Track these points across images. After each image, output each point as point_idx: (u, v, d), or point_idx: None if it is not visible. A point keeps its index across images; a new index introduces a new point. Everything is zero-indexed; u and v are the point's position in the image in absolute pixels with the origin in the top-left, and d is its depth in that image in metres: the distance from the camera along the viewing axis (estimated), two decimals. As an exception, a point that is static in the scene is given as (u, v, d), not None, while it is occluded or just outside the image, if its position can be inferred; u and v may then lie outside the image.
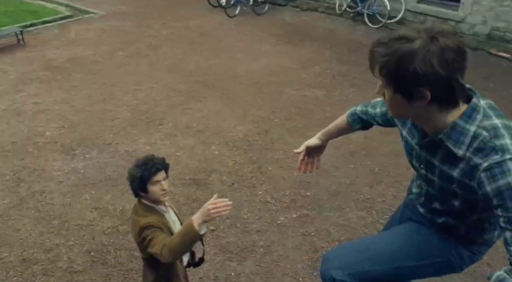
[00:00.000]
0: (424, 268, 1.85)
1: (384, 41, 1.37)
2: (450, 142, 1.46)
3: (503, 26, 7.80)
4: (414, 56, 1.30)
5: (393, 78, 1.37)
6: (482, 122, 1.42)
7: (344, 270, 1.90)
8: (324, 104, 5.99)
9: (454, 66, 1.32)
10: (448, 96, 1.38)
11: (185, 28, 8.88)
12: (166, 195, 2.29)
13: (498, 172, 1.35)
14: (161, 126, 5.39)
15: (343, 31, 8.76)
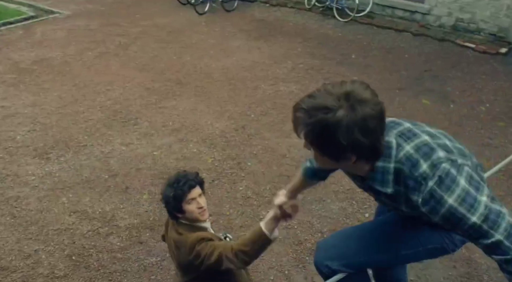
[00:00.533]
0: (418, 255, 1.89)
1: (305, 107, 1.37)
2: (377, 184, 1.52)
3: (467, 17, 8.01)
4: (336, 128, 1.31)
5: (318, 145, 1.40)
6: (398, 155, 1.46)
7: (341, 260, 1.92)
8: (299, 98, 5.96)
9: (376, 132, 1.35)
10: (372, 156, 1.43)
11: (154, 26, 8.76)
12: (205, 213, 2.13)
13: (435, 203, 1.40)
14: (136, 126, 5.32)
15: (313, 25, 8.82)
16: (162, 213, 3.97)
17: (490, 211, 1.39)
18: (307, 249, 3.61)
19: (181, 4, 9.95)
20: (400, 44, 7.87)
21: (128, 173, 4.48)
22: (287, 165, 4.68)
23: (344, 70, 6.87)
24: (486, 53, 7.34)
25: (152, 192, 4.22)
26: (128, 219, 3.89)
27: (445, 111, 5.64)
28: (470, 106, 5.74)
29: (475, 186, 1.40)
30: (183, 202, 2.07)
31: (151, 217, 3.92)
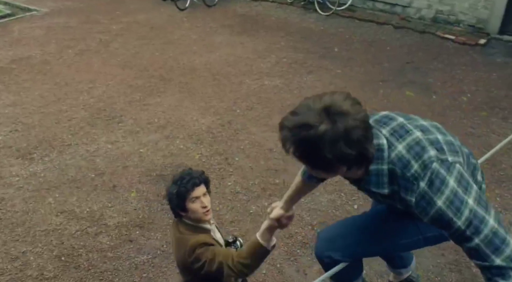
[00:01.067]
0: (418, 243, 1.93)
1: (289, 126, 1.39)
2: (372, 186, 1.55)
3: (446, 9, 8.11)
4: (320, 143, 1.32)
5: (308, 161, 1.42)
6: (390, 156, 1.49)
7: (343, 250, 1.95)
8: (283, 92, 6.04)
9: (361, 142, 1.35)
10: (363, 162, 1.43)
11: (135, 23, 8.66)
12: (208, 213, 2.08)
13: (426, 204, 1.44)
14: (121, 124, 5.26)
15: (295, 19, 8.82)
16: (151, 210, 3.95)
17: (474, 216, 1.41)
18: (298, 242, 3.63)
19: (161, 0, 9.85)
20: (382, 36, 7.93)
21: (115, 171, 4.43)
22: (275, 159, 4.68)
23: (327, 63, 6.90)
24: (466, 45, 7.44)
25: (140, 190, 4.18)
26: (117, 218, 3.85)
27: (428, 102, 5.72)
28: (452, 97, 5.83)
29: (464, 187, 1.43)
30: (187, 200, 2.03)
31: (140, 215, 3.89)
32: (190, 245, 2.01)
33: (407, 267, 2.66)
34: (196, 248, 1.99)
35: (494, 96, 5.93)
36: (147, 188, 4.21)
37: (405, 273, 2.69)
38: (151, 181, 4.30)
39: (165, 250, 3.55)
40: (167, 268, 3.39)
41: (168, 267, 3.38)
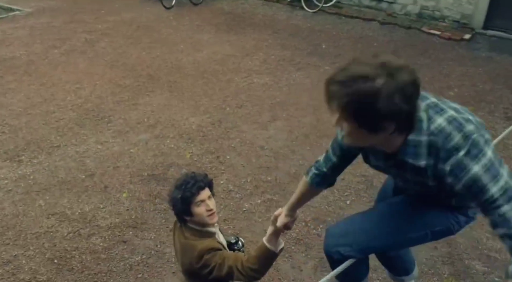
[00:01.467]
0: (425, 237, 1.95)
1: (341, 79, 1.36)
2: (409, 157, 1.54)
3: (431, 5, 8.19)
4: (378, 95, 1.31)
5: (358, 116, 1.39)
6: (430, 128, 1.50)
7: (352, 246, 1.95)
8: (273, 90, 6.04)
9: (414, 99, 1.37)
10: (409, 125, 1.44)
11: (121, 22, 8.57)
12: (214, 217, 2.05)
13: (460, 171, 1.45)
14: (110, 124, 5.21)
15: (282, 16, 8.83)
16: (143, 210, 3.93)
17: (509, 187, 1.43)
18: (292, 239, 3.64)
19: (147, -1, 9.78)
20: (369, 33, 7.98)
21: (106, 172, 4.39)
22: (266, 156, 4.69)
23: (315, 60, 6.92)
24: (451, 40, 7.53)
25: (132, 190, 4.15)
26: (109, 219, 3.82)
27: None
28: (439, 92, 5.88)
29: (499, 161, 1.46)
30: (192, 204, 1.99)
31: (132, 215, 3.86)
32: (198, 251, 1.98)
33: (408, 274, 2.66)
34: (204, 254, 1.97)
35: (480, 90, 6.01)
36: (139, 188, 4.18)
37: (407, 281, 2.69)
38: (143, 181, 4.27)
39: (159, 250, 3.53)
40: (162, 268, 3.37)
41: (163, 267, 3.37)
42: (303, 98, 5.84)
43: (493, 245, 3.58)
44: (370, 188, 4.22)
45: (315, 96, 5.86)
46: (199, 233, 2.08)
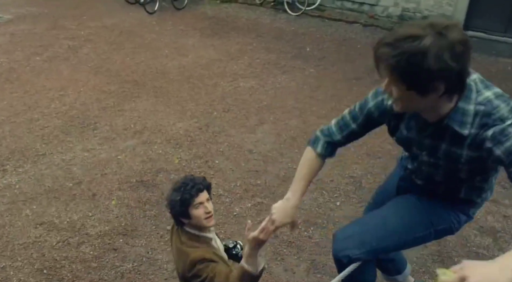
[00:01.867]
0: (429, 236, 1.97)
1: (390, 41, 1.38)
2: (456, 124, 1.54)
3: (412, 6, 8.32)
4: (426, 54, 1.33)
5: (407, 77, 1.39)
6: (477, 99, 1.52)
7: (361, 248, 1.95)
8: (259, 93, 6.05)
9: (464, 58, 1.38)
10: (459, 86, 1.45)
11: (103, 27, 8.51)
12: (211, 219, 2.05)
13: (503, 136, 1.46)
14: (96, 131, 5.16)
15: (266, 20, 8.87)
16: (133, 217, 3.89)
17: None
18: (284, 242, 3.64)
19: (129, 4, 9.72)
20: (352, 35, 8.06)
21: (93, 180, 4.34)
22: (255, 160, 4.69)
23: (300, 63, 6.96)
24: (433, 41, 7.64)
25: (121, 197, 4.11)
26: (98, 227, 3.78)
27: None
28: (423, 92, 5.97)
29: None
30: (190, 206, 1.99)
31: (122, 223, 3.82)
32: (190, 260, 1.96)
33: (401, 273, 2.69)
34: (196, 263, 1.95)
35: (463, 90, 6.11)
36: (128, 195, 4.14)
37: (401, 279, 2.73)
38: (131, 187, 4.24)
39: (151, 256, 3.50)
40: (154, 275, 3.34)
41: (155, 274, 3.34)
42: (289, 101, 5.86)
43: (481, 242, 3.64)
44: (359, 189, 4.25)
45: (301, 99, 5.89)
46: (196, 238, 2.07)
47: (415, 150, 1.78)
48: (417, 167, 1.88)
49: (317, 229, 3.78)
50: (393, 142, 4.61)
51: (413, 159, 1.88)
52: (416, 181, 1.95)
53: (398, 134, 1.79)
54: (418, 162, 1.85)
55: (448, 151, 1.64)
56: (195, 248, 2.01)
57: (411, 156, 1.87)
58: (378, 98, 1.81)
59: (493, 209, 3.96)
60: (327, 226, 3.81)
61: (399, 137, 1.79)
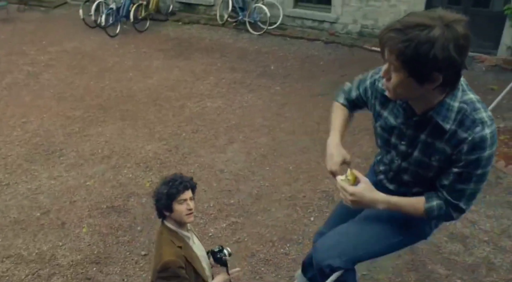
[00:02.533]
0: (405, 240, 2.03)
1: (399, 27, 1.43)
2: (440, 117, 1.62)
3: (370, 23, 8.60)
4: (434, 43, 1.40)
5: (411, 63, 1.45)
6: (463, 97, 1.62)
7: (341, 258, 1.99)
8: (227, 113, 6.07)
9: (465, 52, 1.46)
10: (455, 79, 1.53)
11: (64, 52, 8.36)
12: (191, 217, 2.21)
13: (477, 148, 1.58)
14: (62, 157, 5.03)
15: (229, 40, 8.95)
16: (106, 244, 3.80)
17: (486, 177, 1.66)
18: (261, 260, 3.64)
19: (89, 27, 9.58)
20: (314, 52, 8.24)
21: (62, 208, 4.22)
22: (226, 180, 4.69)
23: (265, 81, 7.04)
24: (392, 55, 7.91)
25: (92, 224, 4.01)
26: (70, 256, 3.66)
27: (368, 112, 5.98)
28: (386, 105, 6.15)
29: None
30: (175, 201, 2.15)
31: (95, 251, 3.72)
32: (162, 260, 2.12)
33: None
34: (166, 266, 2.10)
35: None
36: (99, 221, 4.04)
37: None
38: (102, 214, 4.14)
39: (126, 284, 3.42)
40: (130, 301, 3.26)
41: (131, 301, 3.26)
42: (257, 119, 5.91)
43: (452, 248, 3.75)
44: (331, 203, 4.30)
45: (269, 117, 5.95)
46: (175, 234, 2.22)
47: (394, 139, 1.84)
48: (390, 163, 1.95)
49: (293, 246, 3.79)
50: (361, 155, 4.71)
51: (388, 152, 1.94)
52: (388, 186, 2.01)
53: (382, 121, 1.86)
54: (391, 156, 1.91)
55: (426, 142, 1.72)
56: (172, 246, 2.16)
57: (387, 148, 1.92)
58: (374, 77, 1.92)
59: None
60: (303, 242, 3.83)
61: (382, 125, 1.86)
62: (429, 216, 1.80)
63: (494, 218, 4.07)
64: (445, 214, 1.77)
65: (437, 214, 1.78)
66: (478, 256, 3.67)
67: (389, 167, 1.96)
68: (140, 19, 9.60)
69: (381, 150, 2.03)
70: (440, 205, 1.77)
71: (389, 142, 1.87)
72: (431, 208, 1.78)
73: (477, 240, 3.84)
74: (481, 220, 4.04)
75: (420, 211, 1.80)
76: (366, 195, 1.81)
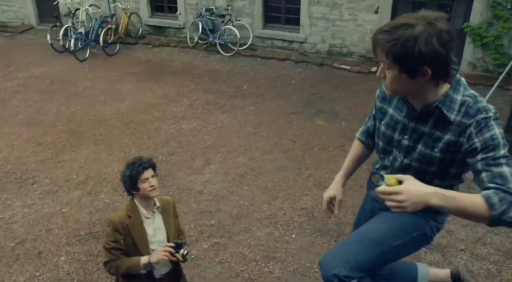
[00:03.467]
0: (407, 245, 2.06)
1: (387, 29, 1.61)
2: (445, 108, 1.76)
3: (338, 42, 8.84)
4: (417, 39, 1.56)
5: (400, 59, 1.61)
6: (465, 92, 1.77)
7: (345, 265, 2.00)
8: (202, 134, 6.08)
9: (449, 45, 1.60)
10: (444, 72, 1.67)
11: (32, 78, 8.23)
12: (155, 191, 2.51)
13: (484, 127, 1.70)
14: (36, 185, 4.91)
15: (200, 62, 9.01)
16: (86, 272, 3.71)
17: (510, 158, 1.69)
18: (245, 280, 3.62)
19: (57, 52, 9.49)
20: (285, 72, 8.38)
21: (38, 237, 4.11)
22: (206, 201, 4.67)
23: (239, 101, 7.10)
24: (361, 73, 8.14)
25: (70, 252, 3.91)
26: (48, 287, 3.56)
27: (339, 129, 6.12)
28: (359, 121, 6.25)
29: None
30: (138, 180, 2.45)
31: (74, 279, 3.62)
32: (110, 218, 2.63)
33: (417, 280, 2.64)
34: (109, 224, 2.56)
35: (393, 117, 6.50)
36: (78, 249, 3.95)
37: None
38: (81, 241, 4.05)
39: (109, 312, 3.33)
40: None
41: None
42: (233, 139, 5.94)
43: (431, 258, 3.83)
44: (311, 219, 4.35)
45: (245, 136, 5.99)
46: (135, 208, 2.54)
47: (398, 135, 1.95)
48: (391, 163, 2.02)
49: (277, 264, 3.80)
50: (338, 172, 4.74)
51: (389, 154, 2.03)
52: None
53: (387, 119, 1.99)
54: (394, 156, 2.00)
55: (429, 133, 1.84)
56: (123, 212, 2.54)
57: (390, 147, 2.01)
58: (379, 89, 2.09)
59: (437, 226, 4.19)
60: (286, 259, 3.84)
61: (387, 122, 1.99)
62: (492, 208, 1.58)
63: (469, 227, 4.20)
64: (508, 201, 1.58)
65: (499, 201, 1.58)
66: (457, 265, 3.76)
67: (391, 169, 2.03)
68: (109, 42, 9.58)
69: (381, 156, 2.11)
70: (495, 192, 1.60)
71: (392, 140, 1.98)
72: (487, 195, 1.60)
73: (454, 249, 3.94)
74: (457, 229, 4.16)
75: (478, 203, 1.60)
76: (415, 187, 1.63)
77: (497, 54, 7.58)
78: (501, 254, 3.88)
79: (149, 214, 2.56)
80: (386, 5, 8.11)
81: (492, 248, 3.96)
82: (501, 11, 7.37)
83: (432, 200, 1.61)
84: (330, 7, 8.64)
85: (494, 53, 7.60)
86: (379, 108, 2.07)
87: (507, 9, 7.34)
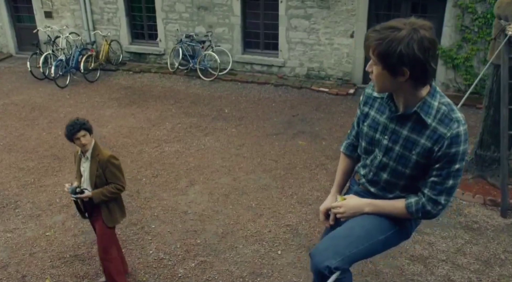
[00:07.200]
0: (390, 239, 2.16)
1: (378, 29, 1.78)
2: (422, 112, 1.90)
3: (316, 66, 9.09)
4: (400, 41, 1.72)
5: (383, 57, 1.77)
6: (441, 99, 1.91)
7: (336, 258, 2.07)
8: (185, 156, 6.14)
9: (429, 52, 1.75)
10: (422, 76, 1.81)
11: (12, 105, 8.20)
12: (85, 147, 3.36)
13: (454, 143, 1.86)
14: (18, 209, 4.87)
15: (181, 87, 9.12)
16: (72, 294, 3.67)
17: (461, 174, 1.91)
18: (233, 297, 3.64)
19: (37, 79, 9.49)
20: (265, 95, 8.55)
21: (21, 261, 4.06)
22: (191, 220, 4.70)
23: (221, 124, 7.20)
24: (339, 95, 8.37)
25: (55, 275, 3.88)
26: (33, 310, 3.51)
27: (320, 148, 6.26)
28: (339, 141, 6.44)
29: None
30: (73, 140, 3.32)
31: (60, 302, 3.59)
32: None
33: None
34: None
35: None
36: (63, 271, 3.92)
37: None
38: (66, 263, 4.02)
39: (96, 333, 3.30)
40: None
41: None
42: (216, 160, 6.01)
43: (414, 269, 3.93)
44: (296, 236, 4.41)
45: (228, 158, 6.07)
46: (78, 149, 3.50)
47: (379, 135, 2.07)
48: (371, 162, 2.15)
49: (264, 279, 3.83)
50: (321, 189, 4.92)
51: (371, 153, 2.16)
52: (370, 188, 2.20)
53: (369, 120, 2.12)
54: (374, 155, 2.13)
55: (408, 137, 1.98)
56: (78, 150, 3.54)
57: (371, 146, 2.14)
58: (362, 95, 2.22)
59: (419, 239, 4.31)
60: (272, 275, 3.88)
61: (369, 123, 2.12)
62: (409, 212, 2.04)
63: (449, 238, 4.32)
64: (423, 209, 2.01)
65: (415, 209, 2.02)
66: (439, 275, 3.87)
67: (370, 168, 2.16)
68: (90, 69, 9.64)
69: (364, 156, 2.23)
70: (417, 201, 2.01)
71: (374, 139, 2.10)
72: (409, 204, 2.03)
73: (436, 260, 4.05)
74: (438, 241, 4.28)
75: (400, 209, 2.06)
76: (352, 202, 2.17)
77: (468, 75, 7.92)
78: (481, 263, 4.01)
79: (84, 158, 3.45)
80: (361, 30, 8.41)
81: (472, 257, 4.08)
82: (469, 35, 7.74)
83: (365, 209, 2.14)
84: (307, 32, 8.92)
85: (465, 74, 7.94)
86: (362, 111, 2.20)
87: (475, 32, 7.72)
